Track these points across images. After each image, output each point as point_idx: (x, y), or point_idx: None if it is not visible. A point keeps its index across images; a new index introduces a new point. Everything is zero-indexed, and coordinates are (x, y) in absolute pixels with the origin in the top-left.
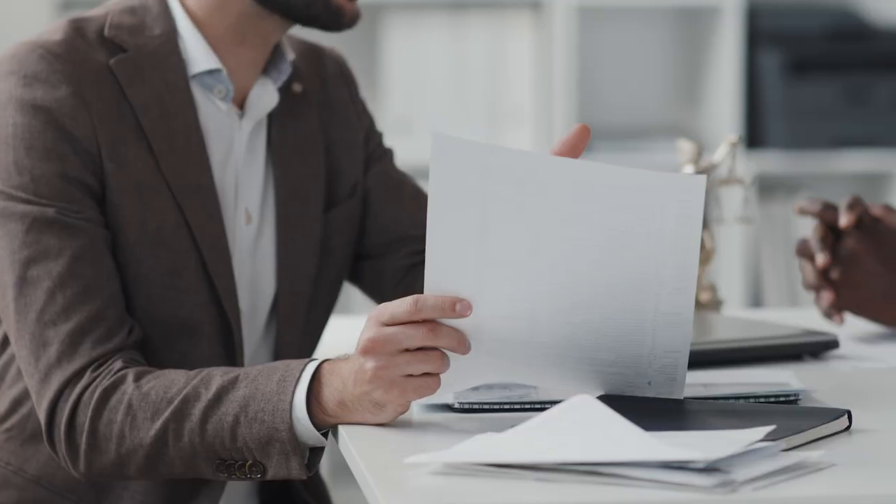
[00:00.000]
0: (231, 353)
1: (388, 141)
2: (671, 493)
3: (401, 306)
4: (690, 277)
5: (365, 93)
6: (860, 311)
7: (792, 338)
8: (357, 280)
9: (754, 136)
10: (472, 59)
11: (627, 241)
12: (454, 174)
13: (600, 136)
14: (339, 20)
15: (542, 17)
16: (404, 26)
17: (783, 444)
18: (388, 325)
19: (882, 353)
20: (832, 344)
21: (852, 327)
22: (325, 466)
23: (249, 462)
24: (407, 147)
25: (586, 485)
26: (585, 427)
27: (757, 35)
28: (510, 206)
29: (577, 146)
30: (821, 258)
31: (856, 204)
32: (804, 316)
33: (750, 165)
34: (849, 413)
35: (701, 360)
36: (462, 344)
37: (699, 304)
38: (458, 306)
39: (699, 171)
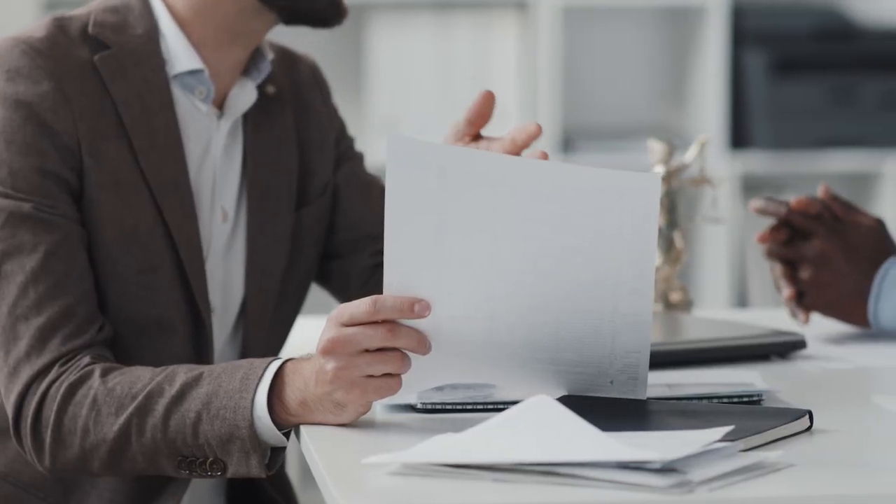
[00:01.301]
0: (201, 351)
1: (374, 142)
2: (627, 493)
3: (360, 307)
4: (648, 277)
5: (351, 94)
6: (829, 311)
7: (759, 338)
8: (325, 281)
9: (740, 136)
10: (458, 60)
11: (585, 240)
12: (411, 175)
13: (586, 137)
14: (336, 16)
15: (528, 17)
16: (390, 27)
17: (741, 444)
18: (347, 325)
19: (850, 353)
20: (799, 344)
21: (821, 327)
22: (293, 466)
23: (210, 459)
24: None
25: (543, 485)
26: (543, 427)
27: (742, 35)
28: (468, 206)
29: (483, 115)
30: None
31: (811, 201)
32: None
33: (735, 165)
34: (810, 413)
35: (668, 360)
36: (422, 344)
37: (670, 305)
38: (416, 307)
39: (670, 172)
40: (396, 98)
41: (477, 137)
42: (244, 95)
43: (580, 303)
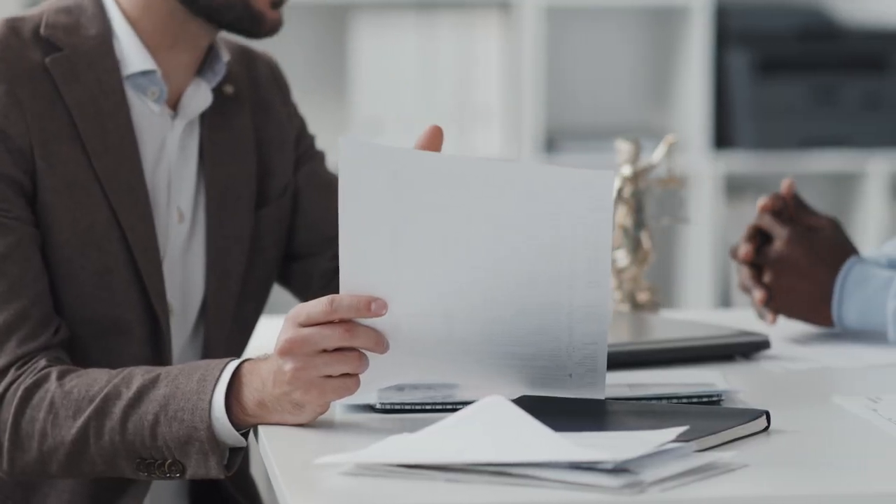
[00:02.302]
0: (160, 353)
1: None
2: (579, 493)
3: (317, 307)
4: (604, 271)
5: (334, 94)
6: (793, 313)
7: (723, 338)
8: (287, 282)
9: (723, 136)
10: (441, 60)
11: (540, 237)
12: (364, 177)
13: (569, 137)
14: (259, 27)
15: (511, 17)
16: (373, 27)
17: (695, 444)
18: (305, 325)
19: (814, 353)
20: (763, 345)
21: (786, 328)
22: (258, 466)
23: (169, 461)
24: None
25: (495, 485)
26: (496, 428)
27: (726, 35)
28: (422, 206)
29: (434, 146)
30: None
31: (778, 197)
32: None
33: (718, 165)
34: (767, 414)
35: (632, 360)
36: (379, 343)
37: (637, 305)
38: (373, 305)
39: (637, 172)
40: (380, 98)
41: None
42: (199, 96)
43: (537, 297)
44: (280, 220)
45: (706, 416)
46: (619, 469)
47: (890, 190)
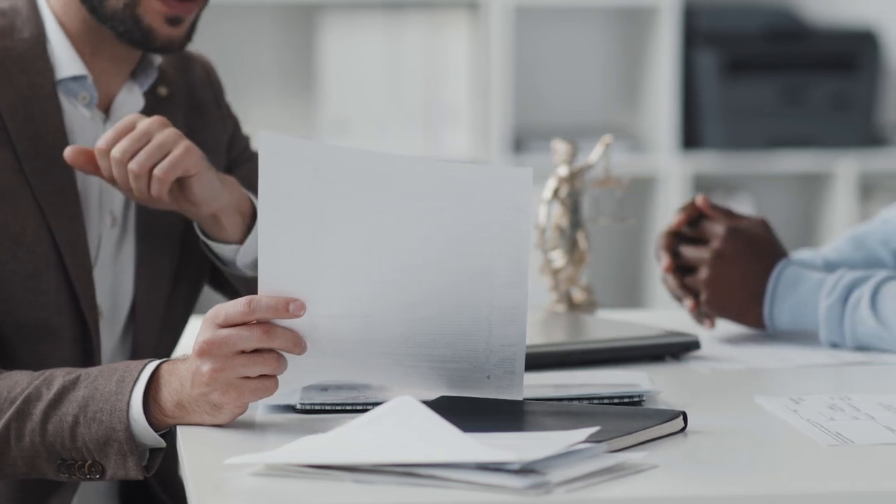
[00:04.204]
0: (89, 356)
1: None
2: (485, 494)
3: (235, 307)
4: (523, 270)
5: (302, 94)
6: (725, 313)
7: (652, 339)
8: (217, 285)
9: (691, 136)
10: (409, 60)
11: (459, 235)
12: (285, 173)
13: (537, 137)
14: (151, 42)
15: (479, 16)
16: (341, 27)
17: (606, 445)
18: (223, 326)
19: (743, 354)
20: (693, 345)
21: (718, 329)
22: None
23: (89, 462)
24: None
25: (402, 486)
26: (404, 428)
27: (694, 35)
28: (342, 204)
29: None
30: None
31: (688, 206)
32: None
33: (686, 166)
34: (684, 414)
35: (562, 361)
36: (297, 345)
37: (573, 305)
38: (291, 306)
39: (573, 172)
40: (348, 98)
41: None
42: (131, 100)
43: (456, 298)
44: None
45: (623, 416)
46: (525, 470)
47: (858, 190)
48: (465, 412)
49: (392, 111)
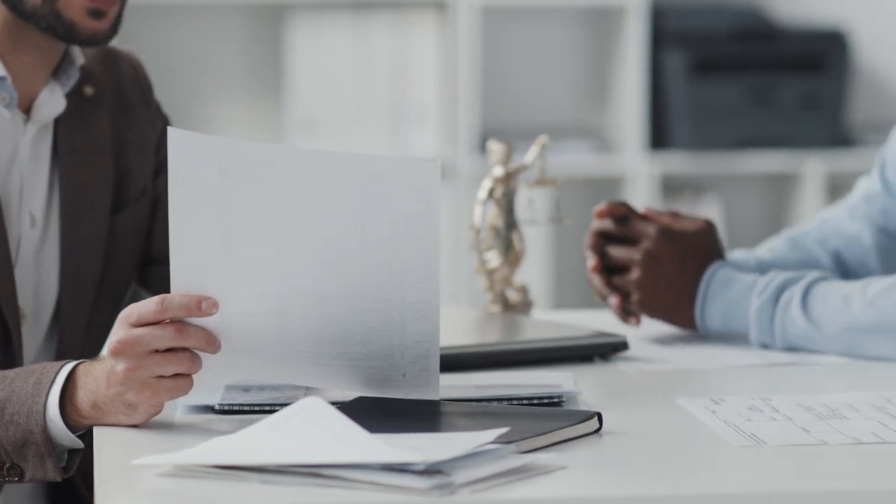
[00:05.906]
0: (11, 358)
1: (293, 142)
2: (389, 495)
3: (147, 306)
4: (433, 265)
5: (270, 94)
6: (656, 313)
7: (580, 339)
8: (145, 286)
9: (659, 137)
10: (377, 60)
11: (368, 229)
12: (192, 170)
13: (505, 137)
14: (73, 36)
15: (447, 16)
16: (308, 27)
17: (515, 446)
18: (136, 325)
19: (672, 354)
20: (621, 346)
21: (648, 329)
22: None
23: (8, 465)
24: None
25: (308, 487)
26: (311, 429)
27: (661, 35)
28: (251, 199)
29: None
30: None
31: (621, 205)
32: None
33: (654, 166)
34: (599, 415)
35: (488, 361)
36: (211, 343)
37: (508, 305)
38: (203, 304)
39: (508, 173)
40: (315, 98)
41: None
42: (52, 101)
43: (368, 293)
44: (137, 224)
45: (537, 417)
46: (430, 470)
47: (826, 190)
48: (379, 413)
49: (360, 111)
